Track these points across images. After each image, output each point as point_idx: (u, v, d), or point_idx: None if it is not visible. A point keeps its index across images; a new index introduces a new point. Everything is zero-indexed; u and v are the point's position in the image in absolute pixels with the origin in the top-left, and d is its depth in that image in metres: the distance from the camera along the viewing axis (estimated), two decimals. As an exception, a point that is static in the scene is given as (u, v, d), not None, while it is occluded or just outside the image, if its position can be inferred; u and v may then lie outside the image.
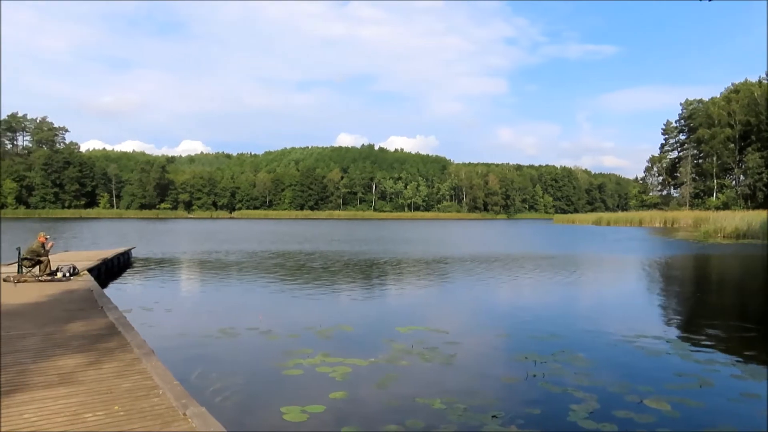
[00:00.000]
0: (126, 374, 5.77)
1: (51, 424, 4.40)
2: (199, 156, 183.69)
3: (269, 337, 9.67)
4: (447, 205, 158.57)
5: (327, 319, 11.40)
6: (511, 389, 7.09)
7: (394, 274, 20.88)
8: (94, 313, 9.19)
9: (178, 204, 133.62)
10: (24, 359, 6.28)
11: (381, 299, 15.13)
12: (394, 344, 9.19)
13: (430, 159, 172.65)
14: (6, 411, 4.65)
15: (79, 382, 5.46)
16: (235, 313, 12.19)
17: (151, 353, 6.53)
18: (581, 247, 37.59)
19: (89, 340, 7.28)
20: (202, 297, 15.39)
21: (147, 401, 4.97)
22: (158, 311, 12.13)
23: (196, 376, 7.16)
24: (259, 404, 6.37)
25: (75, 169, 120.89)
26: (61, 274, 13.57)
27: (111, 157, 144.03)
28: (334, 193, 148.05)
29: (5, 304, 9.93)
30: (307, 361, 7.98)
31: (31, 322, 8.45)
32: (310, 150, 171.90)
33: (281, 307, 13.62)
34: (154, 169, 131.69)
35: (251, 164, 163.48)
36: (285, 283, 17.77)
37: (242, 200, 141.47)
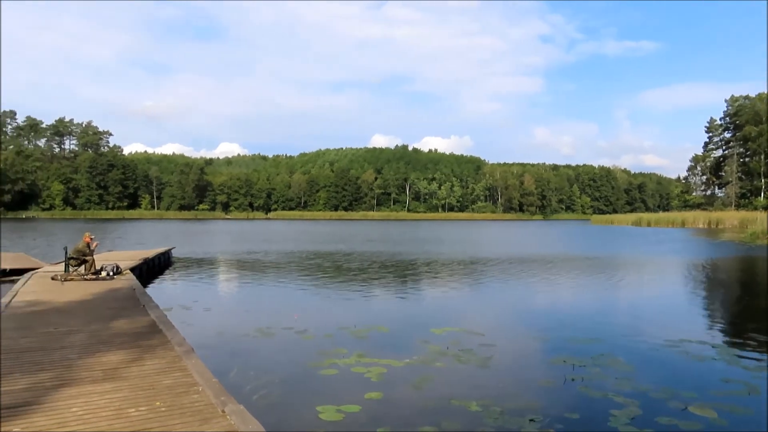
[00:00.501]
0: (167, 371, 5.90)
1: (97, 418, 4.54)
2: (236, 158, 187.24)
3: (305, 336, 9.77)
4: (481, 205, 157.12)
5: (362, 319, 11.43)
6: (549, 393, 6.96)
7: (428, 274, 20.80)
8: (136, 312, 9.45)
9: (215, 205, 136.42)
10: (71, 355, 6.51)
11: (415, 300, 15.08)
12: (429, 345, 9.14)
13: (465, 159, 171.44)
14: (55, 404, 4.82)
15: (123, 378, 5.62)
16: (271, 313, 12.35)
17: (191, 351, 6.68)
18: (620, 248, 36.66)
19: (132, 337, 7.49)
20: (240, 296, 15.65)
21: (187, 398, 5.08)
22: (197, 310, 12.40)
23: (234, 374, 7.28)
24: (296, 403, 6.43)
25: (118, 171, 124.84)
26: (105, 273, 14.00)
27: (152, 160, 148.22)
28: (368, 193, 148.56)
29: (53, 302, 10.32)
30: (343, 361, 8.02)
31: (78, 319, 8.75)
32: (345, 151, 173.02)
33: (316, 307, 13.73)
34: (192, 171, 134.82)
35: (286, 166, 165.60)
36: (320, 283, 17.92)
37: (278, 201, 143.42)
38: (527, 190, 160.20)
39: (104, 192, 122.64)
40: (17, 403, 4.81)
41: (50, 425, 4.36)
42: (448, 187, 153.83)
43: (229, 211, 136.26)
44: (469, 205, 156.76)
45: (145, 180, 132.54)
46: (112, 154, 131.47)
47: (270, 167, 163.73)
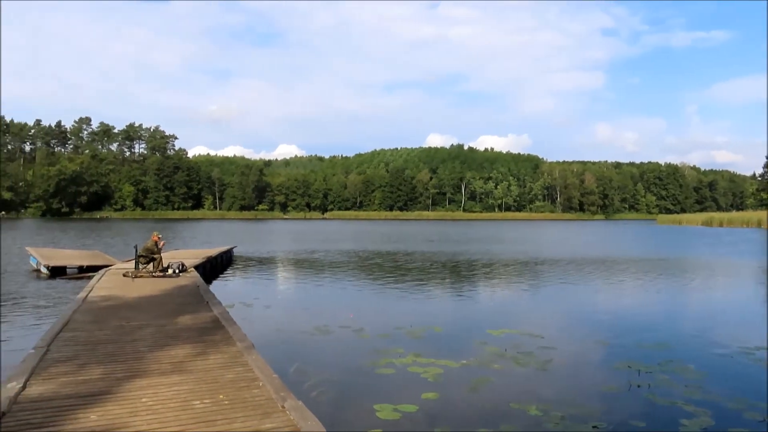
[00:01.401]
0: (229, 366, 6.09)
1: (165, 409, 4.74)
2: (293, 159, 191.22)
3: (361, 335, 9.84)
4: (540, 205, 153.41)
5: (418, 319, 11.41)
6: (613, 399, 6.70)
7: (484, 275, 20.51)
8: (200, 308, 9.81)
9: (274, 205, 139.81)
10: (141, 348, 6.83)
11: (472, 300, 14.90)
12: (486, 347, 9.01)
13: (522, 158, 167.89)
14: (127, 394, 5.07)
15: (189, 372, 5.84)
16: (328, 311, 12.53)
17: (252, 347, 6.86)
18: (689, 249, 34.85)
19: (197, 332, 7.78)
20: (298, 294, 15.97)
21: (249, 392, 5.21)
22: (258, 307, 12.74)
23: (293, 371, 7.42)
24: (353, 401, 6.49)
25: (183, 173, 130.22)
26: (172, 271, 14.60)
27: (215, 162, 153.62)
28: (423, 193, 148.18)
29: (124, 297, 10.88)
30: (399, 361, 8.02)
31: (147, 314, 9.18)
32: (400, 151, 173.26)
33: (372, 306, 13.83)
34: (252, 172, 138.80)
35: (342, 166, 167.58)
36: (376, 282, 18.02)
37: (334, 201, 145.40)
38: (588, 188, 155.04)
39: (170, 193, 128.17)
40: (93, 392, 5.10)
41: (123, 414, 4.59)
42: (505, 187, 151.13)
43: (287, 211, 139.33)
44: (526, 204, 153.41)
45: (208, 181, 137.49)
46: (178, 157, 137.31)
47: (326, 168, 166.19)
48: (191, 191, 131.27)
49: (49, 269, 17.75)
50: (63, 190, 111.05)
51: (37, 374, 5.58)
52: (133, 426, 4.35)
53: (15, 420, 4.39)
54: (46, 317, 10.89)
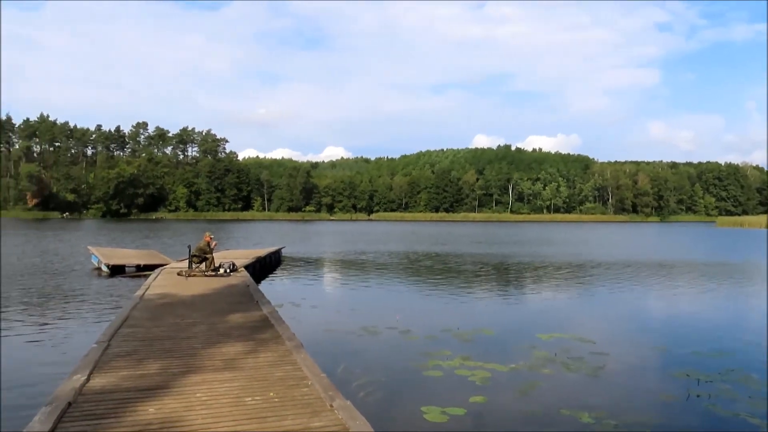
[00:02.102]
0: (279, 364, 6.19)
1: (218, 404, 4.87)
2: (340, 161, 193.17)
3: (408, 337, 9.83)
4: (590, 206, 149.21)
5: (465, 321, 11.30)
6: (670, 409, 6.43)
7: (533, 277, 20.12)
8: (250, 307, 10.04)
9: (321, 207, 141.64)
10: (195, 344, 7.05)
11: (521, 304, 14.65)
12: (535, 351, 8.83)
13: (572, 158, 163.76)
14: (182, 389, 5.24)
15: (240, 369, 5.98)
16: (375, 312, 12.58)
17: (300, 346, 6.96)
18: (752, 254, 33.07)
19: (247, 330, 7.97)
20: (345, 295, 16.11)
21: (298, 390, 5.29)
22: (306, 307, 12.93)
23: (341, 371, 7.49)
24: (401, 402, 6.49)
25: (233, 175, 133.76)
26: (223, 270, 15.00)
27: (263, 164, 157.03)
28: (469, 195, 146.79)
29: (179, 295, 11.26)
30: (446, 363, 7.96)
31: (200, 312, 9.47)
32: (446, 152, 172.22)
33: (419, 307, 13.79)
34: (300, 174, 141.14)
35: (388, 168, 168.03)
36: (423, 284, 17.97)
37: (379, 203, 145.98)
38: (641, 189, 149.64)
39: (221, 195, 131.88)
40: (151, 386, 5.30)
41: (178, 408, 4.75)
42: (554, 188, 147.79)
43: (333, 212, 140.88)
44: (576, 206, 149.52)
45: (257, 183, 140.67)
46: (228, 159, 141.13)
47: (372, 170, 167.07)
48: (241, 193, 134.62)
49: (109, 268, 18.59)
50: (121, 192, 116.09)
51: (100, 368, 5.85)
52: (188, 420, 4.49)
53: (80, 410, 4.61)
54: (107, 313, 11.40)
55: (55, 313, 11.82)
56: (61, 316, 11.49)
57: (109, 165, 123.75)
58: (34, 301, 13.16)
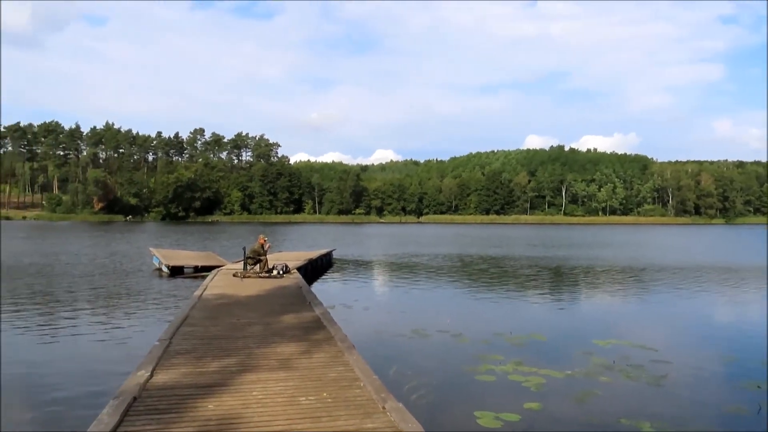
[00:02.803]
0: (331, 365, 6.25)
1: (273, 403, 4.97)
2: (389, 164, 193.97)
3: (460, 340, 9.74)
4: (649, 208, 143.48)
5: (518, 326, 11.09)
6: (738, 421, 6.09)
7: (589, 281, 19.52)
8: (303, 308, 10.20)
9: (370, 209, 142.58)
10: (251, 344, 7.22)
11: (576, 308, 14.24)
12: (592, 358, 8.55)
13: (629, 158, 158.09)
14: (239, 387, 5.38)
15: (294, 369, 6.08)
16: (426, 315, 12.54)
17: (352, 347, 7.01)
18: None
19: (300, 331, 8.10)
20: (395, 297, 16.13)
21: (350, 392, 5.33)
22: (357, 309, 13.03)
23: (393, 373, 7.49)
24: (453, 406, 6.43)
25: (285, 179, 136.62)
26: (276, 272, 15.31)
27: (314, 168, 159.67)
28: (520, 197, 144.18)
29: (235, 296, 11.57)
30: (499, 368, 7.84)
31: (255, 312, 9.70)
32: (497, 154, 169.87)
33: (471, 311, 13.63)
34: (350, 177, 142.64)
35: (438, 170, 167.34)
36: (474, 286, 17.77)
37: (429, 205, 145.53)
38: (705, 190, 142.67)
39: (274, 198, 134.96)
40: (210, 383, 5.47)
41: (236, 405, 4.87)
42: (610, 189, 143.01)
43: (383, 215, 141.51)
44: (633, 207, 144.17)
45: (308, 186, 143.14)
46: (281, 163, 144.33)
47: (422, 172, 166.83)
48: (293, 196, 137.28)
49: (169, 269, 19.35)
50: (180, 195, 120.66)
51: (162, 364, 6.08)
52: (245, 417, 4.60)
53: (144, 405, 4.81)
54: (168, 312, 11.86)
55: (120, 312, 12.42)
56: (126, 315, 12.06)
57: (169, 170, 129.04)
58: (102, 301, 13.87)
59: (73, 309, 12.60)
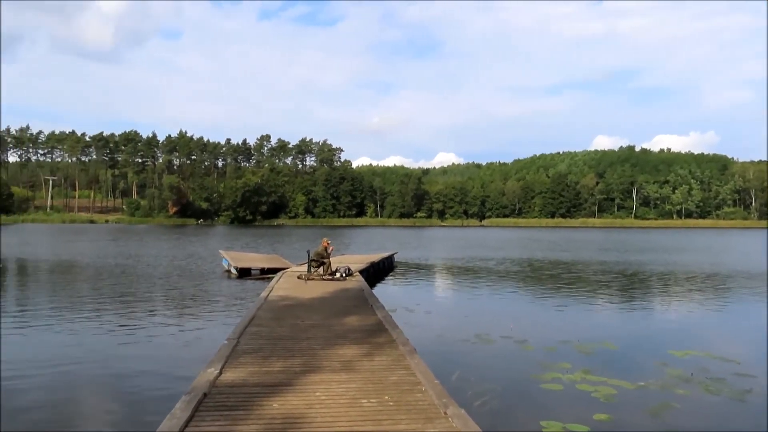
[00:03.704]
0: (393, 368, 6.25)
1: (336, 404, 5.02)
2: (451, 167, 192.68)
3: (524, 347, 9.48)
4: (729, 211, 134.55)
5: (586, 333, 10.68)
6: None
7: (664, 288, 18.52)
8: (365, 310, 10.27)
9: (432, 213, 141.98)
10: (314, 345, 7.34)
11: (650, 316, 13.54)
12: (667, 369, 8.09)
13: (706, 158, 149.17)
14: (303, 387, 5.48)
15: (356, 371, 6.12)
16: (488, 320, 12.30)
17: (414, 351, 6.97)
18: None
19: (362, 334, 8.15)
20: (458, 301, 15.95)
21: (412, 396, 5.30)
22: (419, 312, 12.98)
23: (455, 378, 7.40)
24: (518, 414, 6.26)
25: (348, 183, 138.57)
26: (339, 275, 15.51)
27: (376, 172, 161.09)
28: (588, 199, 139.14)
29: (299, 298, 11.82)
30: (566, 377, 7.56)
31: (318, 314, 9.87)
32: (562, 155, 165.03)
33: (535, 316, 13.27)
34: (411, 181, 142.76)
35: (500, 173, 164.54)
36: (538, 291, 17.30)
37: (492, 208, 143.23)
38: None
39: (336, 202, 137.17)
40: (275, 383, 5.60)
41: (300, 405, 4.96)
42: (685, 191, 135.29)
43: (444, 218, 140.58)
44: (712, 210, 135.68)
45: (370, 190, 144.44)
46: (343, 168, 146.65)
47: (484, 175, 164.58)
48: (355, 200, 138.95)
49: (237, 270, 20.06)
50: (247, 200, 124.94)
51: (230, 363, 6.29)
52: (309, 417, 4.67)
53: (214, 401, 4.99)
54: (236, 312, 12.29)
55: (192, 311, 13.00)
56: (197, 314, 12.60)
57: (237, 175, 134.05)
58: (177, 301, 14.60)
59: (151, 308, 13.36)
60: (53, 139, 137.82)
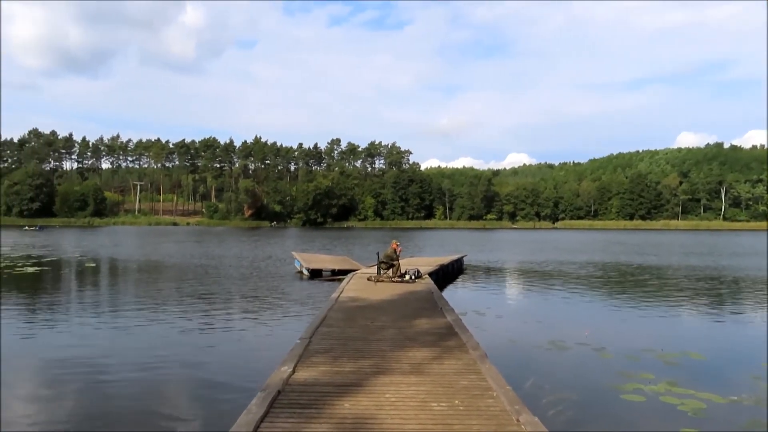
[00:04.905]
0: (463, 373, 6.14)
1: (406, 407, 5.00)
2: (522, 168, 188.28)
3: (602, 354, 9.06)
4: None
5: (671, 342, 10.05)
6: None
7: (759, 295, 17.12)
8: (434, 313, 10.19)
9: (502, 215, 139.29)
10: (384, 347, 7.36)
11: (743, 326, 12.57)
12: (763, 383, 7.46)
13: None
14: (373, 389, 5.50)
15: (426, 374, 6.07)
16: (562, 326, 11.87)
17: (485, 356, 6.83)
18: None
19: (432, 337, 8.08)
20: (530, 306, 15.51)
21: (482, 401, 5.18)
22: (490, 317, 12.72)
23: (528, 385, 7.18)
24: (596, 425, 5.97)
25: (416, 185, 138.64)
26: (408, 277, 15.48)
27: (445, 174, 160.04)
28: (670, 200, 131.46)
29: (368, 299, 11.91)
30: (649, 388, 7.14)
31: (388, 315, 9.89)
32: (641, 154, 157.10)
33: (613, 323, 12.66)
34: (481, 182, 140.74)
35: (575, 173, 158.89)
36: (616, 297, 16.50)
37: (565, 210, 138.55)
38: None
39: (405, 204, 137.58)
40: (346, 383, 5.66)
41: (370, 406, 4.98)
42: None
43: (515, 220, 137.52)
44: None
45: (439, 192, 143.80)
46: (412, 170, 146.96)
47: (557, 175, 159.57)
48: (423, 202, 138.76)
49: (309, 271, 20.53)
50: (318, 202, 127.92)
51: (302, 362, 6.43)
52: (379, 419, 4.68)
53: (287, 399, 5.12)
54: (307, 312, 12.58)
55: (266, 310, 13.44)
56: (271, 313, 13.01)
57: (308, 179, 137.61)
58: (253, 300, 15.15)
59: (229, 307, 13.99)
60: (141, 146, 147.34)
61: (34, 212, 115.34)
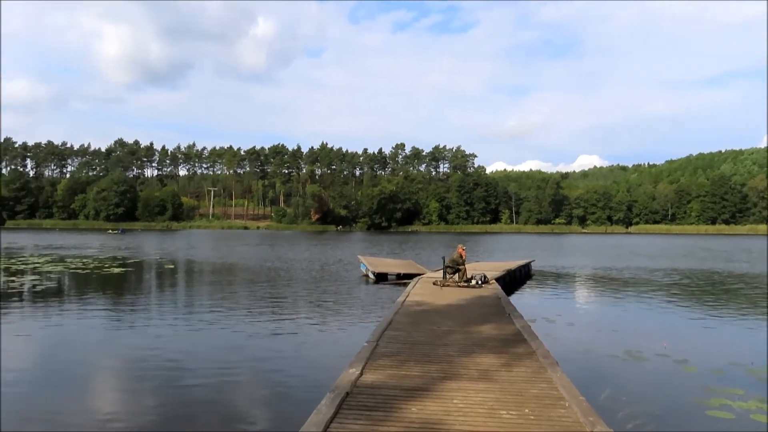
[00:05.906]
0: (533, 381, 5.97)
1: (474, 414, 4.91)
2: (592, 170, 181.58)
3: (684, 367, 8.51)
4: None
5: (762, 356, 9.31)
6: None
7: None
8: (502, 319, 9.97)
9: (572, 219, 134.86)
10: (451, 352, 7.27)
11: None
12: None
13: None
14: (441, 394, 5.44)
15: (494, 381, 5.94)
16: (638, 335, 11.28)
17: (556, 364, 6.60)
18: None
19: (500, 343, 7.90)
20: (603, 314, 14.87)
21: (554, 411, 5.01)
22: (560, 324, 12.30)
23: (604, 397, 6.85)
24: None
25: (482, 189, 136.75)
26: (475, 282, 15.26)
27: (511, 177, 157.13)
28: (757, 203, 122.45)
29: (434, 304, 11.83)
30: (738, 404, 6.64)
31: (454, 320, 9.78)
32: (724, 154, 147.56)
33: (694, 334, 11.90)
34: (549, 185, 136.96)
35: (650, 175, 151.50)
36: (698, 306, 15.52)
37: (639, 214, 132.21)
38: None
39: (470, 208, 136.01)
40: (412, 387, 5.63)
41: (437, 411, 4.93)
42: None
43: (585, 224, 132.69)
44: None
45: (505, 196, 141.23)
46: (477, 174, 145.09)
47: (630, 178, 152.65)
48: (489, 206, 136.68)
49: (375, 275, 20.69)
50: (383, 207, 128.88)
51: (370, 365, 6.46)
52: (446, 424, 4.62)
53: (355, 401, 5.15)
54: (373, 316, 12.66)
55: (334, 313, 13.64)
56: (338, 316, 13.19)
57: (373, 183, 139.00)
58: (321, 303, 15.45)
59: (298, 309, 14.33)
60: (214, 154, 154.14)
61: (119, 216, 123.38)
